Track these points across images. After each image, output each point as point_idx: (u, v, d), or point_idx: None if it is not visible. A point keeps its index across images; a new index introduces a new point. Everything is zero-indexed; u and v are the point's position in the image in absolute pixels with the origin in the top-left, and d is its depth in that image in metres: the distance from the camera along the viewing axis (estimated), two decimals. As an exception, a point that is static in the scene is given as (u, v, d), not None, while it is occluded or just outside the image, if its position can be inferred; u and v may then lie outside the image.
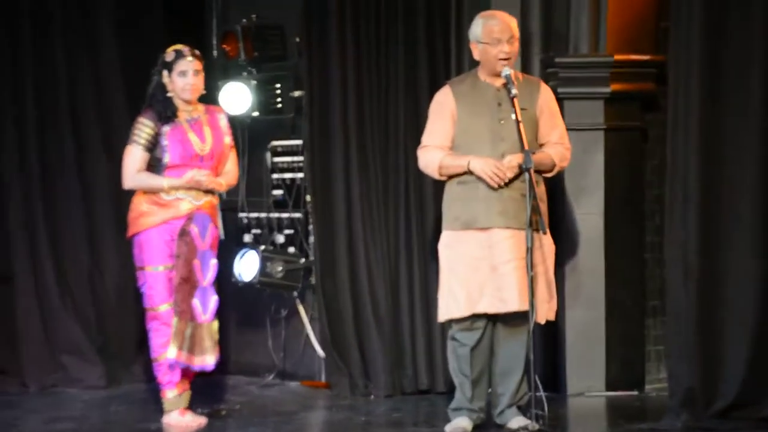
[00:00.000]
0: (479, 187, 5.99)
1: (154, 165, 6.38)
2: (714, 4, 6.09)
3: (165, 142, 6.34)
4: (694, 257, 6.09)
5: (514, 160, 5.93)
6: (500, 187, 5.95)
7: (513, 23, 6.05)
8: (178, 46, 6.41)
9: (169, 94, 6.36)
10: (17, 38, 7.59)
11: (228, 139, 6.50)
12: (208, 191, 6.41)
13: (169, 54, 6.38)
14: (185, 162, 6.35)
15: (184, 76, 6.34)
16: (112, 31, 7.70)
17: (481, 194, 5.99)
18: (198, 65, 6.37)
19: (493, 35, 5.98)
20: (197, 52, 6.42)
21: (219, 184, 6.43)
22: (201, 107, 6.48)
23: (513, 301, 5.92)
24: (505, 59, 5.97)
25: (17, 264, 7.57)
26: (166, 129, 6.34)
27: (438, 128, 6.09)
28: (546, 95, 6.10)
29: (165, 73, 6.36)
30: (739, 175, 6.09)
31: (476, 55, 6.08)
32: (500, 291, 5.93)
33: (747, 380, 5.98)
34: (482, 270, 5.98)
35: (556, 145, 6.08)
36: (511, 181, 5.97)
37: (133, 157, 6.35)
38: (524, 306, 5.90)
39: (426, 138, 6.15)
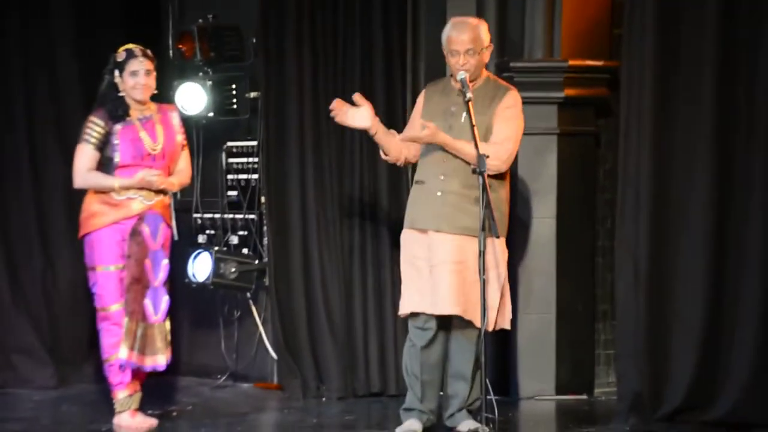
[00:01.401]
0: (423, 189, 6.04)
1: (105, 164, 6.36)
2: (666, 11, 6.15)
3: (116, 141, 6.32)
4: (644, 262, 6.14)
5: (429, 126, 5.89)
6: (433, 188, 5.95)
7: (472, 34, 6.00)
8: (129, 46, 6.40)
9: (120, 94, 6.35)
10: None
11: (180, 138, 6.49)
12: (160, 191, 6.40)
13: (120, 54, 6.37)
14: (137, 161, 6.33)
15: (135, 76, 6.33)
16: (69, 31, 7.67)
17: (423, 196, 6.04)
18: (149, 65, 6.36)
19: (450, 46, 6.02)
20: (148, 51, 6.41)
21: (171, 184, 6.42)
22: (153, 106, 6.46)
23: (443, 305, 5.94)
24: (458, 70, 5.98)
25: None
26: (117, 128, 6.33)
27: (408, 127, 6.18)
28: (507, 102, 6.07)
29: (116, 72, 6.35)
30: (689, 181, 6.15)
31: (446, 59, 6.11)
32: (434, 293, 5.96)
33: (693, 384, 6.04)
34: (423, 270, 6.02)
35: (492, 143, 5.99)
36: (441, 179, 5.95)
37: (84, 156, 6.33)
38: (455, 310, 5.91)
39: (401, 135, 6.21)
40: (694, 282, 6.08)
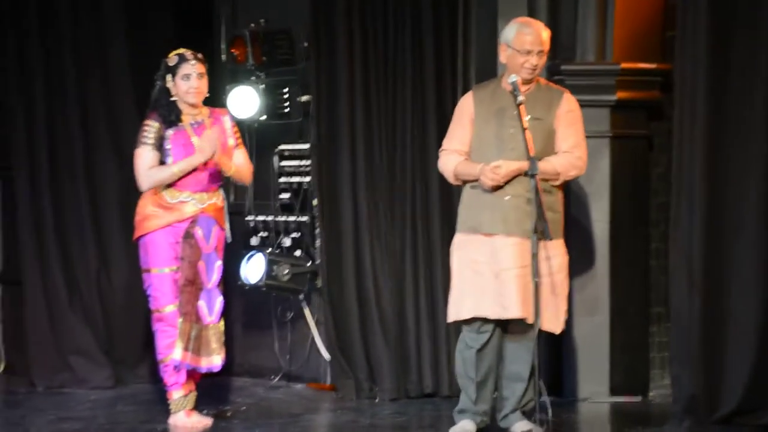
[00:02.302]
0: (486, 193, 6.03)
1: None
2: (720, 13, 6.12)
3: (168, 146, 6.38)
4: (698, 264, 6.13)
5: (504, 163, 5.93)
6: (499, 188, 5.97)
7: (545, 35, 6.04)
8: (181, 50, 6.44)
9: (173, 98, 6.40)
10: (26, 41, 7.62)
11: (232, 141, 6.52)
12: (213, 192, 6.43)
13: (172, 58, 6.42)
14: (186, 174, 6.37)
15: (187, 80, 6.37)
16: (122, 37, 7.73)
17: (487, 200, 6.03)
18: (201, 68, 6.40)
19: (524, 46, 5.99)
20: (200, 55, 6.45)
21: (228, 165, 6.40)
22: (205, 110, 6.51)
23: (513, 308, 5.95)
24: (530, 71, 5.99)
25: (27, 266, 7.61)
26: (169, 133, 6.38)
27: (457, 133, 6.15)
28: (567, 105, 6.09)
29: (168, 77, 6.39)
30: (743, 183, 6.12)
31: (503, 58, 6.10)
32: (502, 297, 5.97)
33: (750, 387, 6.02)
34: (486, 275, 6.02)
35: (565, 153, 6.07)
36: (511, 186, 5.98)
37: (145, 157, 6.38)
38: (524, 314, 5.93)
39: (445, 142, 6.21)
40: (749, 284, 6.06)
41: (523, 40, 6.00)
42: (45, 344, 7.57)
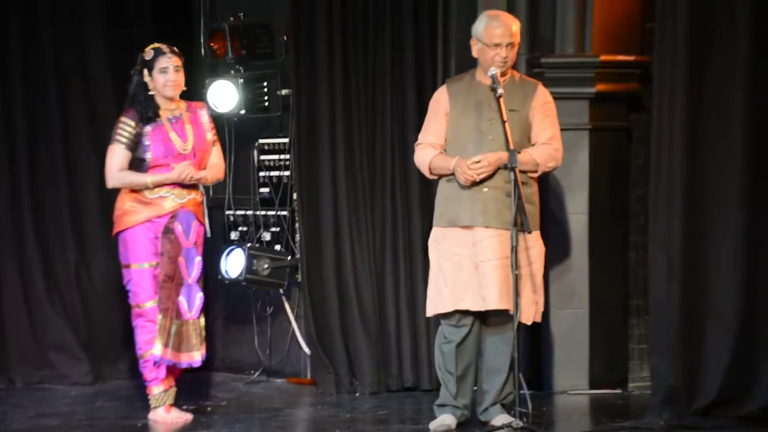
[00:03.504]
0: (464, 186, 6.03)
1: (137, 165, 6.40)
2: (699, 5, 6.11)
3: (147, 142, 6.36)
4: (677, 256, 6.13)
5: (484, 157, 5.95)
6: (476, 184, 5.97)
7: (515, 27, 6.05)
8: (157, 44, 6.45)
9: (150, 93, 6.38)
10: (5, 36, 7.59)
11: (210, 135, 6.52)
12: (192, 188, 6.43)
13: (148, 52, 6.41)
14: (168, 161, 6.37)
15: (165, 73, 6.36)
16: (100, 31, 7.71)
17: (465, 193, 6.03)
18: (178, 61, 6.40)
19: (493, 39, 6.00)
20: (176, 49, 6.45)
21: (204, 178, 6.45)
22: (183, 104, 6.50)
23: (493, 300, 5.95)
24: (501, 63, 5.99)
25: (5, 262, 7.57)
26: (147, 129, 6.37)
27: (432, 126, 6.15)
28: (541, 97, 6.11)
29: (145, 71, 6.39)
30: (722, 176, 6.12)
31: (474, 53, 6.11)
32: (481, 289, 5.97)
33: (728, 378, 6.02)
34: (466, 267, 6.02)
35: (543, 145, 6.10)
36: (489, 178, 5.97)
37: (116, 156, 6.37)
38: (504, 305, 5.94)
39: (421, 135, 6.21)
40: (728, 276, 6.06)
41: (492, 33, 6.00)
42: (24, 340, 7.54)
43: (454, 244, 6.05)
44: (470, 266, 6.01)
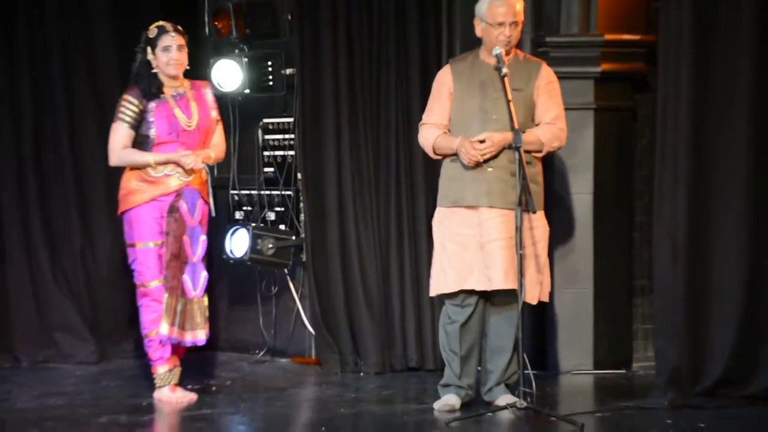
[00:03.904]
0: (468, 166, 6.02)
1: (141, 142, 6.40)
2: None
3: (151, 118, 6.36)
4: (682, 237, 6.13)
5: (489, 137, 5.94)
6: (478, 165, 5.97)
7: (519, 5, 6.03)
8: (160, 23, 6.44)
9: (153, 71, 6.38)
10: (11, 18, 7.57)
11: (214, 113, 6.52)
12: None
13: (152, 30, 6.41)
14: (172, 138, 6.37)
15: (168, 51, 6.36)
16: (106, 15, 7.67)
17: (469, 173, 6.02)
18: (181, 40, 6.39)
19: (496, 18, 5.98)
20: (179, 27, 6.44)
21: (207, 156, 6.43)
22: (186, 83, 6.49)
23: (498, 280, 5.95)
24: (505, 42, 5.97)
25: (10, 242, 7.57)
26: (151, 105, 6.36)
27: (436, 106, 6.14)
28: (545, 76, 6.09)
29: (149, 50, 6.39)
30: (728, 156, 6.12)
31: (478, 32, 6.10)
32: (487, 269, 5.97)
33: (732, 358, 6.04)
34: (471, 247, 6.02)
35: (548, 125, 6.08)
36: (493, 158, 5.97)
37: (119, 134, 6.37)
38: (510, 284, 5.94)
39: (425, 115, 6.20)
40: (733, 256, 6.07)
41: (495, 12, 5.99)
42: (29, 320, 7.55)
43: (459, 225, 6.05)
44: (475, 246, 6.01)
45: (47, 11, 7.60)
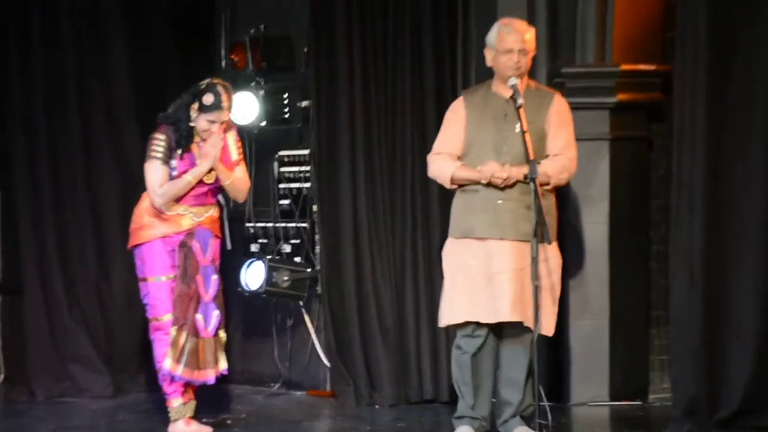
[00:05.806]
0: (478, 197, 6.01)
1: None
2: (720, 14, 6.07)
3: (174, 164, 6.34)
4: (699, 267, 6.07)
5: (508, 172, 5.92)
6: (490, 195, 5.93)
7: (529, 34, 6.03)
8: (220, 90, 6.23)
9: (191, 124, 6.31)
10: (28, 52, 7.63)
11: (235, 156, 6.43)
12: (210, 205, 6.39)
13: (208, 96, 6.25)
14: (193, 186, 6.35)
15: (210, 124, 6.28)
16: (122, 42, 7.73)
17: (479, 204, 6.01)
18: (227, 115, 6.29)
19: (505, 45, 5.99)
20: (232, 100, 6.31)
21: (226, 173, 6.33)
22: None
23: (505, 312, 5.92)
24: (514, 69, 5.96)
25: (27, 275, 7.62)
26: (178, 152, 6.33)
27: (449, 136, 6.14)
28: (557, 107, 6.08)
29: (195, 105, 6.28)
30: (744, 185, 6.07)
31: (488, 62, 6.10)
32: (495, 301, 5.94)
33: (750, 389, 5.97)
34: (479, 279, 5.99)
35: (557, 156, 6.04)
36: (508, 188, 5.95)
37: (155, 172, 6.31)
38: (516, 317, 5.90)
39: (437, 145, 6.19)
40: (750, 286, 6.01)
41: (504, 40, 5.99)
42: (45, 353, 7.57)
43: (468, 256, 6.02)
44: (483, 278, 5.98)
45: (62, 41, 7.63)
